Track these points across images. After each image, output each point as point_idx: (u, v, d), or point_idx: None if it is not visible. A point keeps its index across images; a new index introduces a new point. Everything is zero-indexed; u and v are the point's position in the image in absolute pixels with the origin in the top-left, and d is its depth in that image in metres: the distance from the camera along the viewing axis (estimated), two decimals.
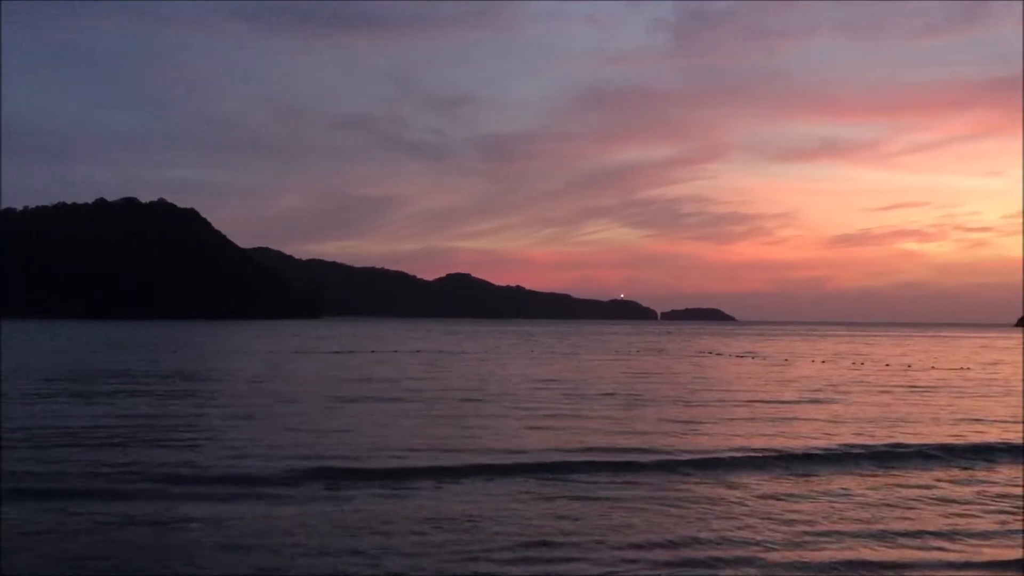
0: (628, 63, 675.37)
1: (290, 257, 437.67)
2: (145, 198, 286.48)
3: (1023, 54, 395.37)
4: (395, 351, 70.50)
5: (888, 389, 37.85)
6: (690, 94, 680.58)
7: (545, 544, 11.70)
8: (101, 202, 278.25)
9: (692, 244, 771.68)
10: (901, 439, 21.44)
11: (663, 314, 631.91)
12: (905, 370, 53.13)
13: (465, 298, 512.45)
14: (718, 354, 74.72)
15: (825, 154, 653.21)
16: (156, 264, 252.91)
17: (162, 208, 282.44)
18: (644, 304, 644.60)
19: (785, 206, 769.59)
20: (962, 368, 56.09)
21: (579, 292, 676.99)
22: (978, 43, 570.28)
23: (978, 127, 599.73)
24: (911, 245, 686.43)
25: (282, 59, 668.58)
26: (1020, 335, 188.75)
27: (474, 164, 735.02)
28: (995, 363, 63.47)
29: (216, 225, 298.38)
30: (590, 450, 18.99)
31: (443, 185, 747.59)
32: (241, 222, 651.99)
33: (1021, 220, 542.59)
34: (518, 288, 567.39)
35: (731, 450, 19.28)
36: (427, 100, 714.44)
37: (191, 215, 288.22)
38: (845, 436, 21.96)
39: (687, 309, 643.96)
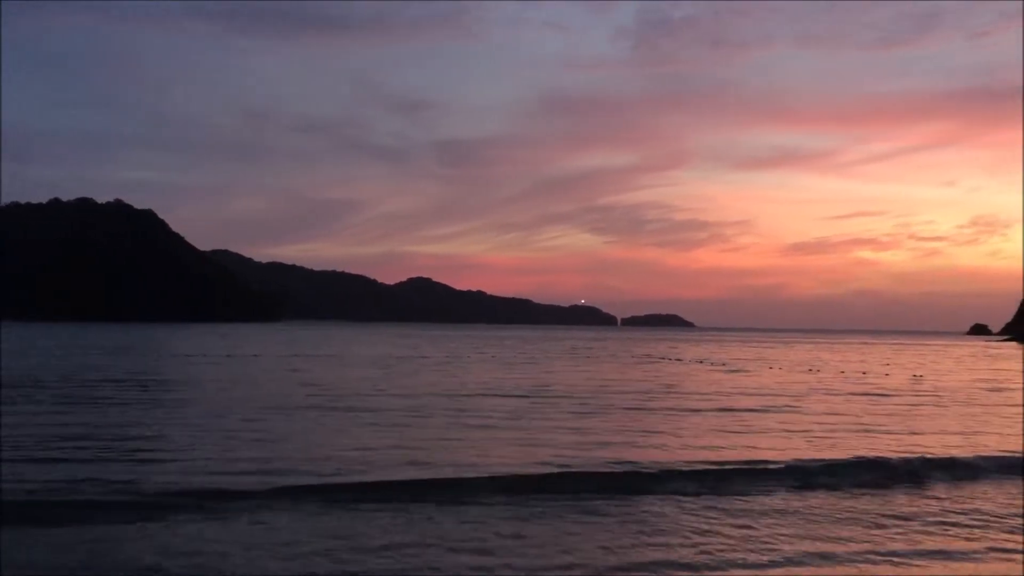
0: (590, 70, 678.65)
1: (249, 260, 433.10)
2: (101, 198, 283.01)
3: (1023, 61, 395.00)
4: (356, 355, 69.86)
5: (845, 398, 38.05)
6: (651, 101, 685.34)
7: (492, 569, 11.33)
8: (55, 202, 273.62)
9: (653, 250, 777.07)
10: (858, 452, 21.27)
11: (623, 320, 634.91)
12: (860, 377, 53.70)
13: (426, 302, 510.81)
14: (678, 360, 75.07)
15: (783, 163, 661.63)
16: (111, 266, 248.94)
17: (118, 209, 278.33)
18: (605, 310, 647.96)
19: (744, 214, 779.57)
20: (915, 376, 57.05)
21: (540, 297, 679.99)
22: (932, 56, 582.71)
23: (932, 138, 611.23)
24: (867, 253, 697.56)
25: (242, 60, 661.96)
26: (972, 344, 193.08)
27: (436, 168, 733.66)
28: (949, 372, 64.48)
29: (174, 227, 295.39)
30: (547, 464, 18.50)
31: (404, 189, 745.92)
32: (200, 224, 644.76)
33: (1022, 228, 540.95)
34: (479, 292, 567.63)
35: (690, 463, 18.89)
36: (389, 103, 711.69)
37: (148, 216, 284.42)
38: (802, 449, 21.78)
39: (647, 315, 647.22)
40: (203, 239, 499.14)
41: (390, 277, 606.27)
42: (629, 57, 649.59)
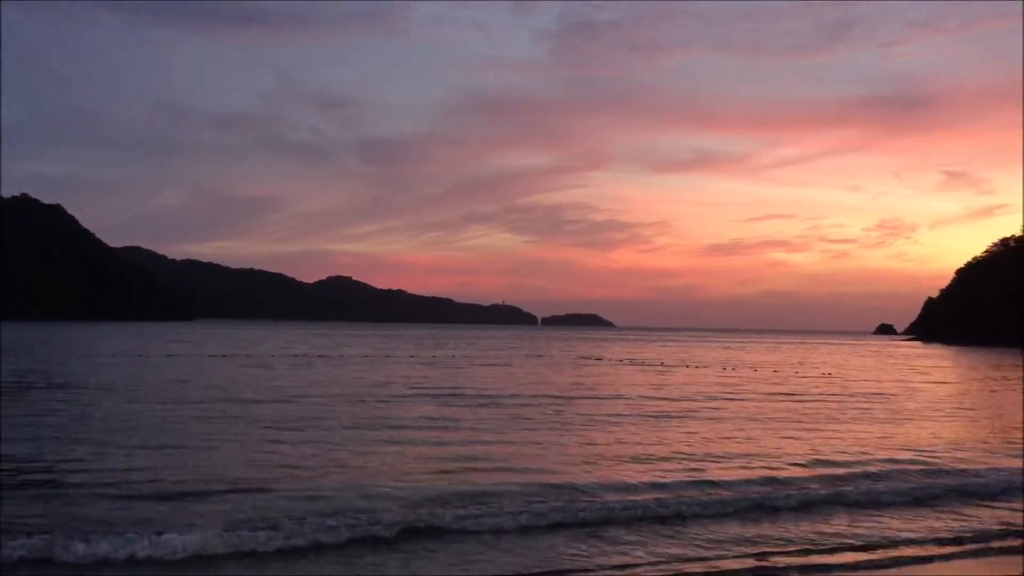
0: (512, 71, 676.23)
1: (163, 257, 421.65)
2: (6, 192, 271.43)
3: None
4: (271, 355, 68.29)
5: (758, 398, 38.72)
6: (572, 103, 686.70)
7: None
8: None
9: (572, 251, 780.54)
10: (773, 472, 19.74)
11: (544, 319, 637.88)
12: (773, 375, 55.02)
13: (345, 301, 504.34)
14: (598, 359, 75.64)
15: (699, 166, 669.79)
16: (15, 262, 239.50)
17: (24, 203, 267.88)
18: (525, 309, 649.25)
19: (661, 215, 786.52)
20: (825, 374, 58.88)
21: (460, 297, 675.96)
22: (843, 64, 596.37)
23: (842, 143, 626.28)
24: (779, 255, 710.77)
25: (157, 53, 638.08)
26: (879, 343, 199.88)
27: (356, 166, 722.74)
28: (859, 370, 66.46)
29: (84, 223, 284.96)
30: (448, 498, 15.05)
31: (325, 187, 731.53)
32: (112, 220, 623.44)
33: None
34: (399, 292, 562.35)
35: (602, 487, 16.56)
36: (309, 101, 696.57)
37: (56, 211, 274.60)
38: (729, 470, 19.78)
39: (567, 315, 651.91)
40: (114, 236, 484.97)
41: (309, 276, 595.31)
42: (551, 59, 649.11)
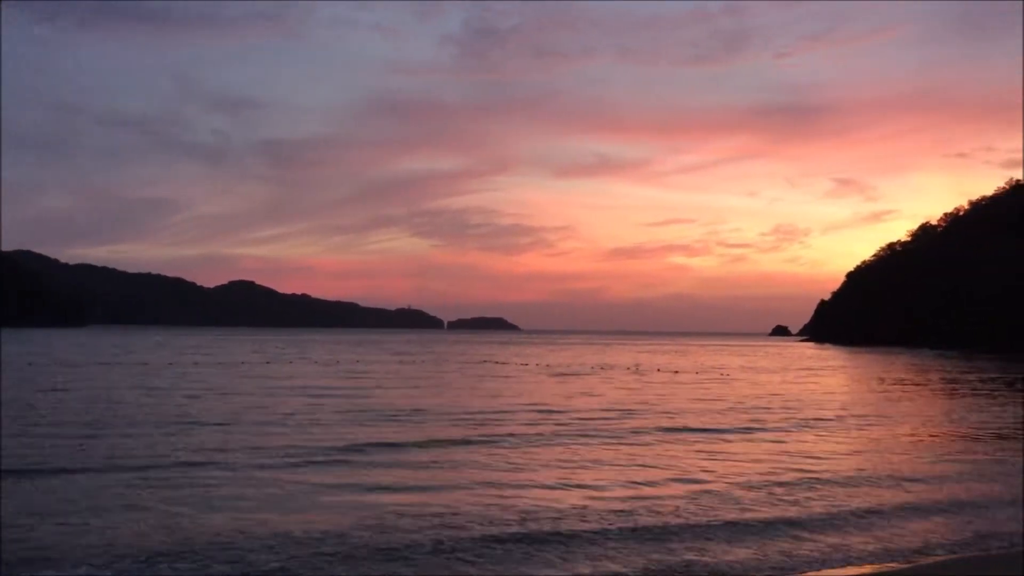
0: (417, 74, 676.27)
1: (55, 261, 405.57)
2: None
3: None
4: (169, 363, 66.43)
5: (671, 412, 39.17)
6: (477, 108, 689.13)
7: None
8: None
9: (478, 255, 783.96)
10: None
11: (450, 323, 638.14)
12: (673, 375, 56.65)
13: (248, 306, 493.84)
14: (503, 363, 76.24)
15: (603, 171, 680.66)
16: None
17: None
18: (431, 313, 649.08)
19: (566, 219, 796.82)
20: (722, 375, 60.98)
21: (366, 301, 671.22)
22: (740, 73, 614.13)
23: (739, 150, 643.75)
24: (680, 259, 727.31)
25: (47, 50, 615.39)
26: (775, 344, 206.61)
27: (259, 169, 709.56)
28: (758, 371, 68.81)
29: None
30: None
31: (226, 189, 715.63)
32: None
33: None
34: (304, 296, 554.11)
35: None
36: (209, 101, 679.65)
37: None
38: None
39: (473, 318, 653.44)
40: (1, 238, 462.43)
41: (210, 280, 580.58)
42: (455, 64, 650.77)
